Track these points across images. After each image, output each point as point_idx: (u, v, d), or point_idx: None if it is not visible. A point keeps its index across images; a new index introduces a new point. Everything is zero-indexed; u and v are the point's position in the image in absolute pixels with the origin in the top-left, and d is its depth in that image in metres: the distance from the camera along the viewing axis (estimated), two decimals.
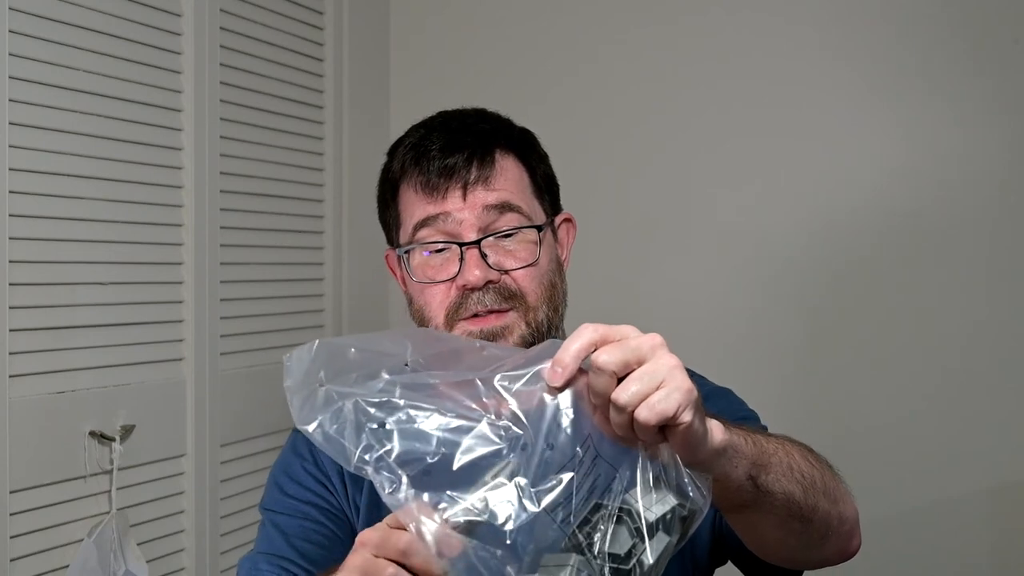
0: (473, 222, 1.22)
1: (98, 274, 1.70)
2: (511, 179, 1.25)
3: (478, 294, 1.21)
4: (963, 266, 2.10)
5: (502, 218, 1.22)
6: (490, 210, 1.22)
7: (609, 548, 0.82)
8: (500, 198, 1.23)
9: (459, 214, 1.22)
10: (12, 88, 1.54)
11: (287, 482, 1.28)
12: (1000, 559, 2.08)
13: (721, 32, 2.25)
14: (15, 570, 1.55)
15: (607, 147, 2.33)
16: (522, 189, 1.25)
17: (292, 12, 2.16)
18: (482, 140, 1.25)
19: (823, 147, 2.19)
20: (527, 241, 1.23)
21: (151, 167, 1.80)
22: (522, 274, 1.23)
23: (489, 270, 1.21)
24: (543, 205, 1.28)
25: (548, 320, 1.24)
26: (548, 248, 1.26)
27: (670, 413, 0.82)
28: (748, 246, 2.23)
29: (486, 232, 1.22)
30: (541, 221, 1.26)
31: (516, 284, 1.22)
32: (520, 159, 1.27)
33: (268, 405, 2.08)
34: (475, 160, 1.23)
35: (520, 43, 2.41)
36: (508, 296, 1.22)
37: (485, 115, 1.31)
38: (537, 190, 1.27)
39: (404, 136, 1.29)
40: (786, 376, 2.20)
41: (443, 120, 1.29)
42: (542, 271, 1.24)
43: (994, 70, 2.08)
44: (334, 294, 2.28)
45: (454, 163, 1.23)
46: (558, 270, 1.28)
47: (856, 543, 1.11)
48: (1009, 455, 2.07)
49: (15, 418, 1.54)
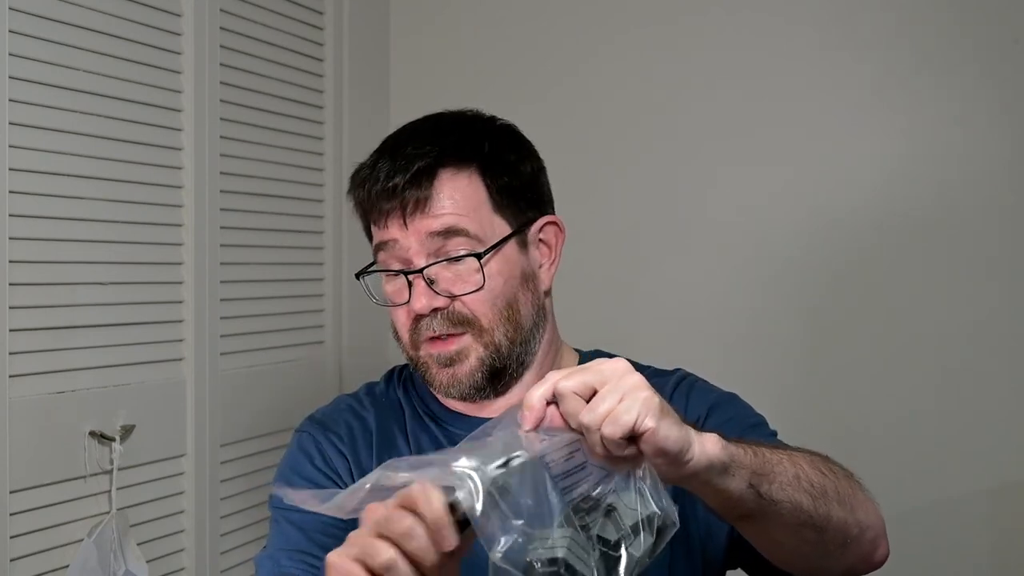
0: (418, 249, 1.21)
1: (98, 274, 1.70)
2: (459, 200, 1.22)
3: (427, 320, 1.22)
4: (962, 266, 2.10)
5: (449, 243, 1.21)
6: (434, 236, 1.21)
7: (600, 533, 0.86)
8: (444, 224, 1.21)
9: (404, 241, 1.22)
10: (12, 88, 1.54)
11: (299, 480, 1.28)
12: (1000, 559, 2.08)
13: (722, 32, 2.25)
14: (15, 570, 1.55)
15: (607, 146, 2.33)
16: (474, 208, 1.23)
17: (292, 12, 2.16)
18: (427, 163, 1.22)
19: (822, 147, 2.19)
20: (472, 268, 1.22)
21: (151, 167, 1.80)
22: (471, 299, 1.22)
23: (436, 297, 1.21)
24: (505, 217, 1.25)
25: (509, 339, 1.24)
26: (505, 265, 1.23)
27: (631, 423, 0.84)
28: (748, 246, 2.23)
29: (436, 257, 1.21)
30: (500, 236, 1.23)
31: (467, 308, 1.22)
32: (479, 172, 1.24)
33: (268, 405, 2.08)
34: (413, 186, 1.21)
35: (520, 43, 2.41)
36: (459, 321, 1.22)
37: (442, 128, 1.28)
38: (497, 203, 1.24)
39: (370, 155, 1.29)
40: (786, 376, 2.20)
41: (394, 142, 1.27)
42: (494, 293, 1.22)
43: (995, 70, 2.08)
44: (334, 294, 2.28)
45: (393, 187, 1.22)
46: (524, 284, 1.25)
47: (883, 552, 1.12)
48: (1009, 455, 2.07)
49: (15, 418, 1.54)
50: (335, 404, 1.37)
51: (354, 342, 2.33)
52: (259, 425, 2.06)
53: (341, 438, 1.30)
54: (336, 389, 2.28)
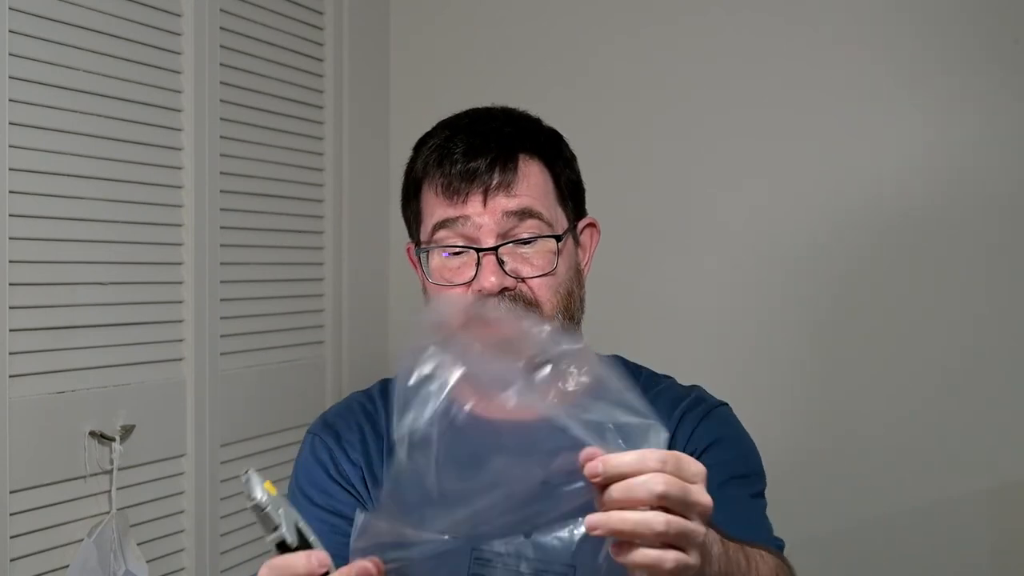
0: (492, 227, 1.21)
1: (98, 274, 1.70)
2: (534, 185, 1.23)
3: (493, 300, 1.21)
4: (962, 267, 2.10)
5: (522, 224, 1.21)
6: (510, 216, 1.21)
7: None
8: (521, 204, 1.22)
9: (479, 218, 1.21)
10: (12, 88, 1.54)
11: (317, 493, 1.27)
12: (1000, 559, 2.08)
13: (724, 32, 2.25)
14: (15, 570, 1.55)
15: (607, 147, 2.33)
16: (545, 195, 1.24)
17: (292, 12, 2.16)
18: (506, 144, 1.23)
19: (825, 149, 2.18)
20: (546, 250, 1.22)
21: (151, 167, 1.80)
22: (538, 283, 1.22)
23: (505, 277, 1.20)
24: (566, 211, 1.27)
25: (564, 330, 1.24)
26: (567, 256, 1.25)
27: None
28: (752, 248, 2.23)
29: (505, 238, 1.21)
30: (563, 228, 1.25)
31: (532, 292, 1.22)
32: (545, 164, 1.26)
33: (268, 405, 2.08)
34: (498, 165, 1.22)
35: (520, 43, 2.41)
36: (524, 304, 1.21)
37: (513, 116, 1.30)
38: (560, 196, 1.26)
39: (430, 133, 1.28)
40: (788, 376, 2.20)
41: (469, 121, 1.28)
42: (559, 280, 1.23)
43: (995, 70, 2.08)
44: (334, 294, 2.28)
45: (476, 167, 1.22)
46: (576, 278, 1.26)
47: None
48: (1009, 455, 2.07)
49: (15, 418, 1.54)
50: (347, 403, 1.37)
51: (354, 342, 2.33)
52: (259, 425, 2.06)
53: (354, 446, 1.29)
54: (336, 389, 2.28)
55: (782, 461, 2.14)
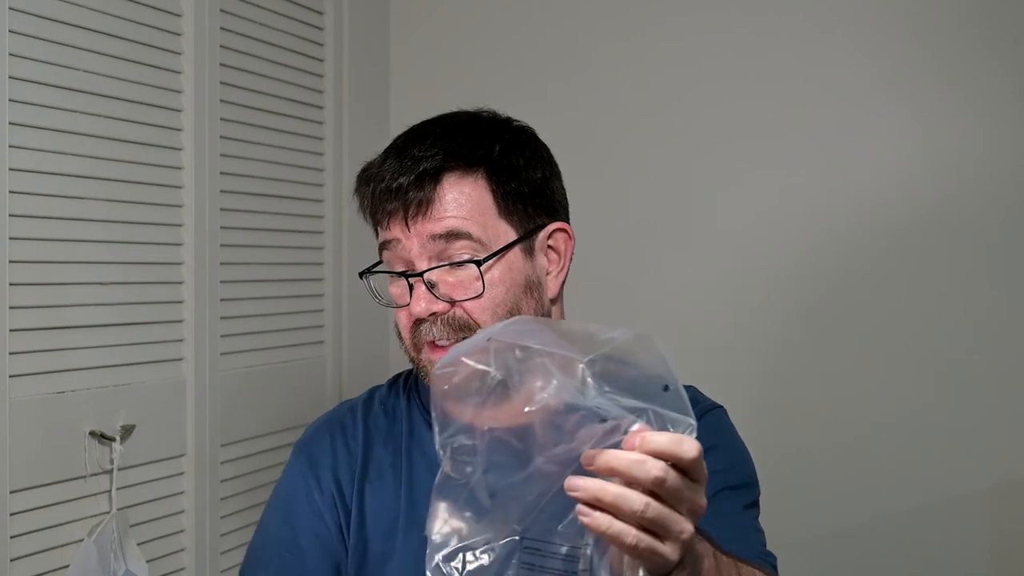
0: (420, 251, 1.20)
1: (98, 274, 1.70)
2: (464, 204, 1.20)
3: (427, 324, 1.20)
4: (962, 267, 2.10)
5: (451, 247, 1.19)
6: (437, 239, 1.19)
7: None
8: (447, 227, 1.19)
9: (407, 242, 1.20)
10: (12, 88, 1.54)
11: (296, 519, 1.30)
12: (1000, 559, 2.08)
13: (724, 32, 2.25)
14: (15, 570, 1.55)
15: (608, 148, 2.33)
16: (479, 212, 1.20)
17: (292, 12, 2.16)
18: (432, 165, 1.20)
19: (824, 149, 2.18)
20: (470, 274, 1.19)
21: (151, 167, 1.80)
22: (471, 305, 1.20)
23: (435, 301, 1.19)
24: (511, 223, 1.22)
25: None
26: (508, 271, 1.21)
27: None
28: (751, 249, 2.23)
29: (439, 260, 1.19)
30: (505, 242, 1.21)
31: (467, 315, 1.20)
32: (486, 176, 1.21)
33: (268, 405, 2.08)
34: (420, 186, 1.19)
35: (520, 43, 2.41)
36: (459, 327, 1.20)
37: (457, 127, 1.25)
38: (504, 208, 1.21)
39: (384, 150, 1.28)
40: (787, 376, 2.20)
41: (405, 139, 1.26)
42: (495, 300, 1.20)
43: (995, 70, 2.08)
44: (334, 294, 2.28)
45: (397, 187, 1.20)
46: (528, 292, 1.23)
47: None
48: (1009, 455, 2.07)
49: (15, 418, 1.54)
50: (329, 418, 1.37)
51: (354, 342, 2.33)
52: (259, 425, 2.06)
53: (326, 469, 1.30)
54: (336, 389, 2.28)
55: (782, 462, 2.15)
